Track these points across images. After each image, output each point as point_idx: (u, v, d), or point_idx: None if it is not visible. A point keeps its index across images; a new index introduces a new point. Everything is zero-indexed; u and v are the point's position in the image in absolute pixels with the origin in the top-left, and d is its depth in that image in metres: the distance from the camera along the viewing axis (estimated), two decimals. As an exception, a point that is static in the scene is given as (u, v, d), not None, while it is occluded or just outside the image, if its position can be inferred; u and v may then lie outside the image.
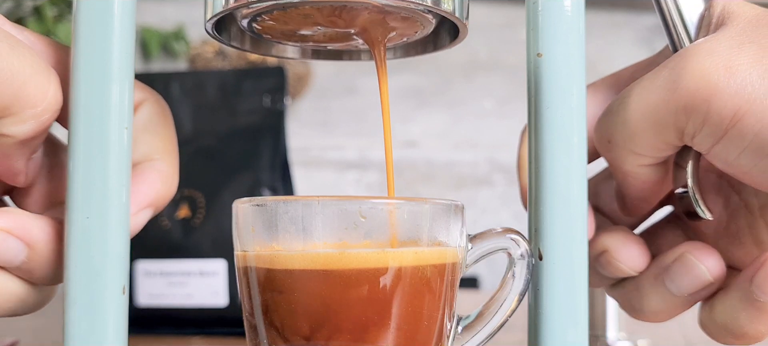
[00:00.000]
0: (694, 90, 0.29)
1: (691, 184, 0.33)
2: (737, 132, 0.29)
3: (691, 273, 0.33)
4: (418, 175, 1.67)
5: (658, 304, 0.34)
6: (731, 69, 0.28)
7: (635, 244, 0.34)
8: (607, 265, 0.34)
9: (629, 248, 0.34)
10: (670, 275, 0.33)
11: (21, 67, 0.27)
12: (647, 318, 0.35)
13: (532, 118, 0.32)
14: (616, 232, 0.35)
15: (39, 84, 0.28)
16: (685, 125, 0.30)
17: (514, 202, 1.63)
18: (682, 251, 0.33)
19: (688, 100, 0.29)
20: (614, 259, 0.34)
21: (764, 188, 0.31)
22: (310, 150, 1.63)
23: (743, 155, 0.29)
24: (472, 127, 1.77)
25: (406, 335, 0.29)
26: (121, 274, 0.30)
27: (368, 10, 0.32)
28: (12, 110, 0.27)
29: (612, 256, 0.34)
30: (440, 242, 0.30)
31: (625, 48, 1.75)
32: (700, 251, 0.33)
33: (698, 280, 0.33)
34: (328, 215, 0.29)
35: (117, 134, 0.29)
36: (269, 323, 0.29)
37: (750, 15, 0.31)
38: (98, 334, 0.29)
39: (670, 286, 0.33)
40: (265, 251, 0.29)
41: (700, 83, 0.29)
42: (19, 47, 0.28)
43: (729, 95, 0.28)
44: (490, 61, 1.73)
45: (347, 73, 1.73)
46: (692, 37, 0.33)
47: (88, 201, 0.29)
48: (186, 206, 0.55)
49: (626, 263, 0.34)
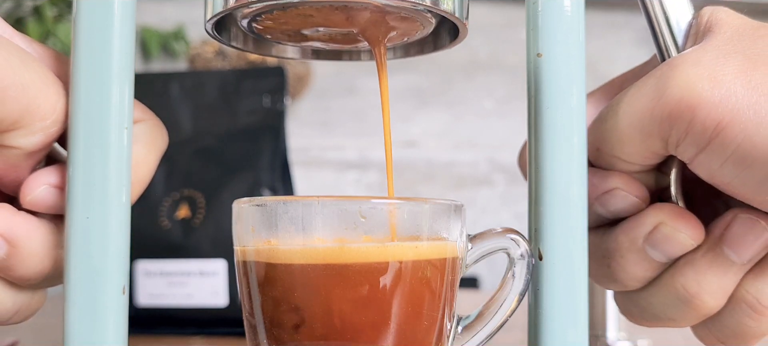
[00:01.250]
0: (679, 99, 0.29)
1: (674, 191, 0.33)
2: (720, 142, 0.29)
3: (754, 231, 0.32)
4: (418, 175, 1.67)
5: (720, 279, 0.32)
6: (716, 80, 0.29)
7: (688, 213, 0.33)
8: (664, 240, 0.32)
9: (686, 216, 0.32)
10: (729, 240, 0.32)
11: (31, 80, 0.28)
12: (705, 301, 0.32)
13: (532, 119, 0.32)
14: (662, 206, 0.33)
15: (48, 97, 0.28)
16: (669, 134, 0.30)
17: (514, 202, 1.63)
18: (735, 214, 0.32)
19: (672, 110, 0.29)
20: (673, 229, 0.32)
21: (746, 199, 0.31)
22: (310, 150, 1.64)
23: (725, 166, 0.29)
24: (472, 127, 1.77)
25: (405, 334, 0.29)
26: (121, 274, 0.30)
27: (368, 9, 0.32)
28: (22, 123, 0.28)
29: (669, 226, 0.32)
30: (440, 242, 0.30)
31: (625, 48, 1.75)
32: (757, 218, 0.32)
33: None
34: (327, 215, 0.29)
35: (117, 134, 0.29)
36: (269, 321, 0.29)
37: (736, 24, 0.31)
38: (98, 334, 0.29)
39: (730, 254, 0.32)
40: (264, 249, 0.29)
41: (684, 93, 0.29)
42: (29, 60, 0.28)
43: (713, 106, 0.28)
44: (490, 61, 1.73)
45: (347, 73, 1.73)
46: (679, 46, 0.33)
47: (88, 201, 0.29)
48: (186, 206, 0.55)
49: (687, 231, 0.32)
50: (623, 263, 0.33)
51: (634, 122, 0.31)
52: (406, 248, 0.29)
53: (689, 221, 0.32)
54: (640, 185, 0.33)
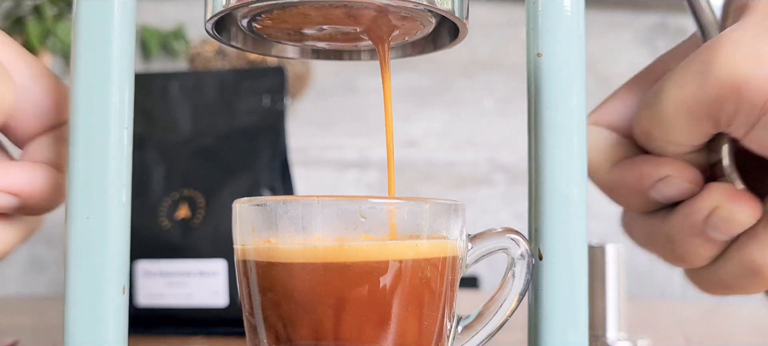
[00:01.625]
0: (724, 81, 0.30)
1: (727, 167, 0.34)
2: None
3: None
4: (418, 174, 1.67)
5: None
6: (759, 58, 0.30)
7: (743, 192, 0.33)
8: (723, 222, 0.33)
9: (742, 196, 0.33)
10: None
11: None
12: None
13: (532, 118, 0.32)
14: (716, 188, 0.33)
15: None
16: (719, 116, 0.31)
17: (514, 201, 1.63)
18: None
19: (719, 92, 0.30)
20: (730, 210, 0.32)
21: None
22: (310, 150, 1.64)
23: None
24: (472, 126, 1.77)
25: (405, 333, 0.29)
26: (121, 274, 0.30)
27: (372, 8, 0.32)
28: None
29: (726, 209, 0.32)
30: (440, 242, 0.30)
31: (625, 48, 1.75)
32: None
33: None
34: (327, 215, 0.29)
35: (117, 134, 0.29)
36: (269, 321, 0.29)
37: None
38: (98, 334, 0.29)
39: None
40: (264, 249, 0.29)
41: (730, 75, 0.30)
42: None
43: (758, 83, 0.29)
44: (490, 60, 1.73)
45: (347, 72, 1.73)
46: (718, 23, 0.34)
47: (88, 201, 0.29)
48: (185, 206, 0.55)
49: (744, 210, 0.32)
50: (686, 245, 0.34)
51: (680, 107, 0.32)
52: (405, 248, 0.29)
53: (745, 199, 0.33)
54: (692, 169, 0.34)
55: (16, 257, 1.54)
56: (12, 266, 1.53)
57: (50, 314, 0.61)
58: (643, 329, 0.52)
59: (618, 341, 0.46)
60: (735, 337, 0.54)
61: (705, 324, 0.61)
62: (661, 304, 0.82)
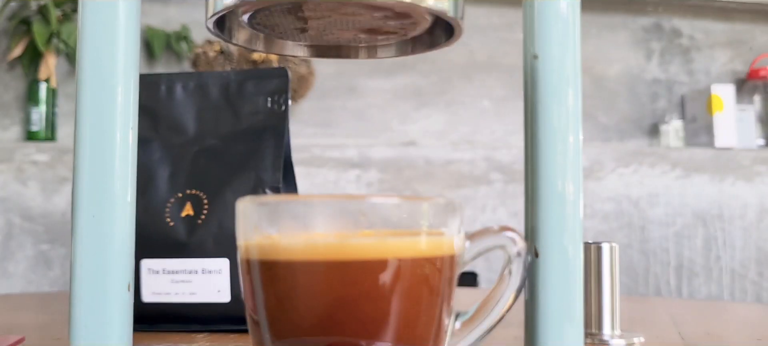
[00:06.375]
0: None
1: None
2: None
3: None
4: (417, 173, 1.68)
5: None
6: None
7: None
8: None
9: None
10: None
11: None
12: None
13: (529, 118, 0.33)
14: None
15: None
16: None
17: (512, 200, 1.63)
18: None
19: None
20: None
21: None
22: (311, 149, 1.64)
23: None
24: (470, 126, 1.78)
25: (404, 329, 0.30)
26: (126, 272, 0.30)
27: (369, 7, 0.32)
28: None
29: None
30: (438, 239, 0.30)
31: (620, 49, 1.75)
32: None
33: None
34: (329, 214, 0.29)
35: (122, 134, 0.30)
36: (271, 317, 0.30)
37: None
38: (104, 330, 0.29)
39: None
40: (267, 247, 0.30)
41: None
42: None
43: None
44: (488, 61, 1.74)
45: (348, 73, 1.74)
46: None
47: (94, 200, 0.29)
48: (190, 205, 0.56)
49: None
50: None
51: None
52: (404, 245, 0.29)
53: None
54: None
55: (21, 255, 1.54)
56: (18, 264, 1.54)
57: (56, 311, 0.61)
58: (638, 326, 0.53)
59: (613, 338, 0.46)
60: (729, 334, 0.55)
61: (699, 321, 0.62)
62: (656, 301, 0.83)
